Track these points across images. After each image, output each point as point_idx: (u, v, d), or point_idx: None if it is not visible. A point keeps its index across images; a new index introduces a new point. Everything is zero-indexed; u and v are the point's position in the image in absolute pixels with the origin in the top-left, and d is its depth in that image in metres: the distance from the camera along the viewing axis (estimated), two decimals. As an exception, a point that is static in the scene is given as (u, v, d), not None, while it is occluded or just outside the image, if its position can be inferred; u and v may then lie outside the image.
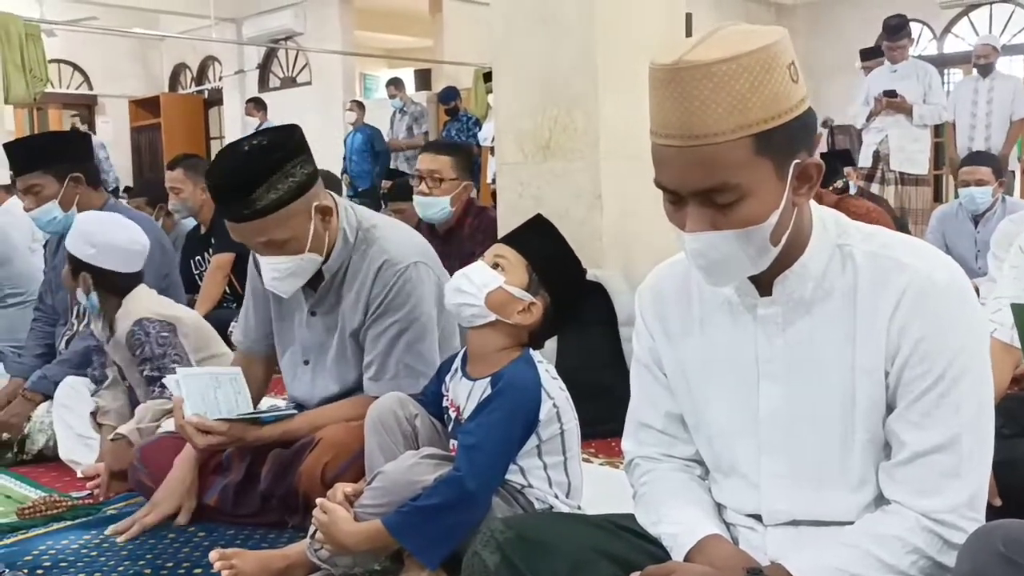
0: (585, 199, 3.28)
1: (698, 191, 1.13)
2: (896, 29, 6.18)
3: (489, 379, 1.79)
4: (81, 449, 2.70)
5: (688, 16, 3.69)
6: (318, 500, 1.75)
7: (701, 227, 1.14)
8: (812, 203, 1.24)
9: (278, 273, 2.06)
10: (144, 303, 2.68)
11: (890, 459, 1.20)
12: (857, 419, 1.21)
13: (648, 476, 1.39)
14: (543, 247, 1.85)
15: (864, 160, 6.28)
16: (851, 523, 1.21)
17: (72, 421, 2.74)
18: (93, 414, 2.75)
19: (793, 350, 1.24)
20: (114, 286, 2.64)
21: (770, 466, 1.27)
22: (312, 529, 1.80)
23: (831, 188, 4.45)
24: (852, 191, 5.43)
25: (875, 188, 6.12)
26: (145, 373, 2.56)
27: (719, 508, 1.35)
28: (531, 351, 1.85)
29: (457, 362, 1.91)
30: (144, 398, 2.60)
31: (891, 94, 6.07)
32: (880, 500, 1.22)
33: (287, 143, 2.01)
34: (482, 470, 1.70)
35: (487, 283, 1.78)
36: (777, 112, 1.10)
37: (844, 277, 1.22)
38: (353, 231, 2.14)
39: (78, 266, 2.64)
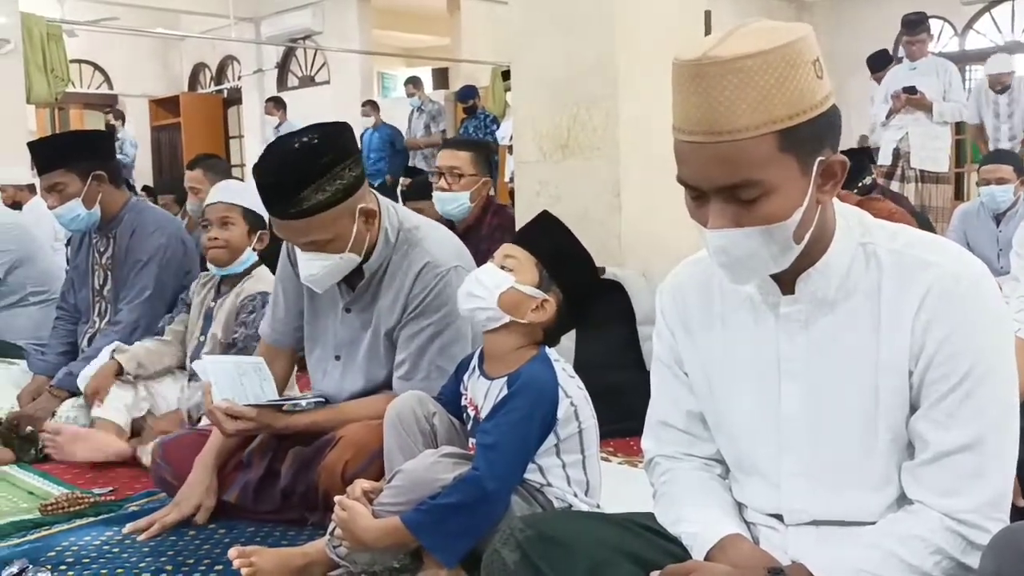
0: (604, 198, 3.28)
1: (721, 187, 1.13)
2: (915, 25, 6.13)
3: (506, 379, 1.79)
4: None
5: (707, 13, 3.67)
6: (337, 497, 1.76)
7: (724, 224, 1.14)
8: (835, 201, 1.23)
9: (315, 270, 2.07)
10: (269, 277, 2.80)
11: (913, 459, 1.19)
12: (880, 418, 1.20)
13: (668, 475, 1.39)
14: (551, 243, 1.85)
15: (884, 158, 6.23)
16: (873, 523, 1.21)
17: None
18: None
19: (815, 349, 1.23)
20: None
21: (791, 465, 1.26)
22: (331, 526, 1.80)
23: (859, 185, 4.42)
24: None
25: (895, 186, 6.08)
26: (234, 336, 2.70)
27: (740, 507, 1.34)
28: (547, 349, 1.85)
29: (475, 361, 1.91)
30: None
31: (911, 91, 6.02)
32: (903, 500, 1.21)
33: (337, 144, 1.99)
34: (500, 469, 1.70)
35: (498, 284, 1.78)
36: (802, 108, 1.09)
37: (868, 276, 1.21)
38: (395, 231, 2.14)
39: (257, 224, 2.77)
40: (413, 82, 9.62)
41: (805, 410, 1.24)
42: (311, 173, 1.94)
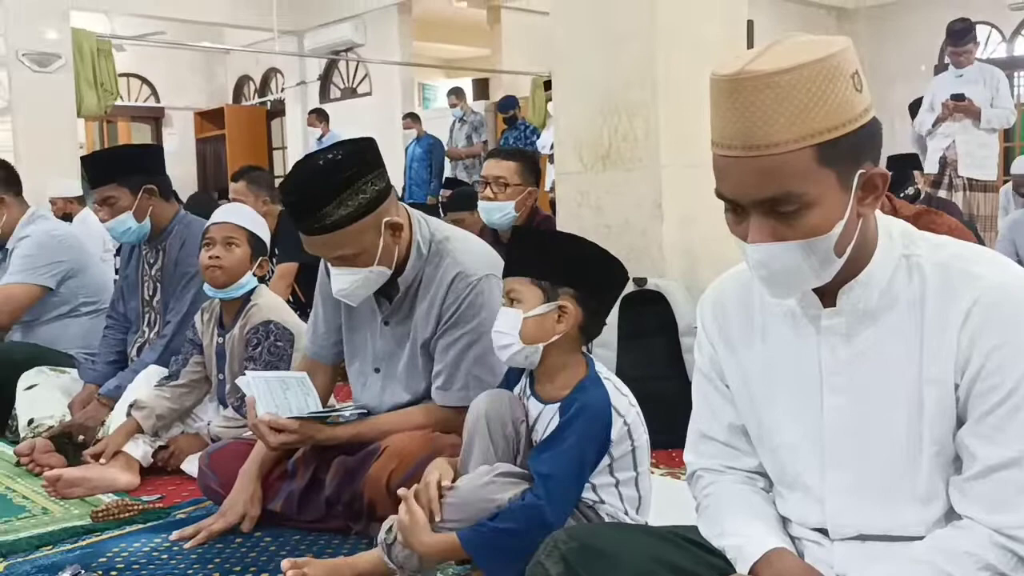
0: (645, 208, 3.27)
1: (760, 202, 1.13)
2: (961, 34, 6.04)
3: (559, 406, 1.79)
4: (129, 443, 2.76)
5: (750, 23, 3.66)
6: (404, 496, 1.75)
7: (763, 238, 1.14)
8: (877, 213, 1.22)
9: (346, 284, 2.10)
10: (273, 303, 2.82)
11: (961, 473, 1.18)
12: (925, 432, 1.19)
13: (711, 488, 1.39)
14: (532, 255, 1.83)
15: (931, 166, 6.15)
16: (920, 538, 1.20)
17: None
18: (131, 405, 2.81)
19: (858, 361, 1.22)
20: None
21: (835, 480, 1.25)
22: (388, 523, 1.81)
23: (902, 195, 4.37)
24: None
25: (942, 194, 5.99)
26: (246, 370, 2.58)
27: (783, 521, 1.34)
28: (597, 366, 1.85)
29: (524, 380, 1.90)
30: (232, 395, 2.69)
31: (959, 98, 5.94)
32: (950, 515, 1.20)
33: (360, 159, 2.03)
34: (560, 499, 1.70)
35: (514, 324, 1.79)
36: (840, 122, 1.10)
37: (911, 287, 1.20)
38: (426, 243, 2.16)
39: (260, 250, 2.78)
40: (456, 93, 9.68)
41: (849, 423, 1.24)
42: (334, 188, 1.98)
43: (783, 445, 1.31)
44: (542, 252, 1.83)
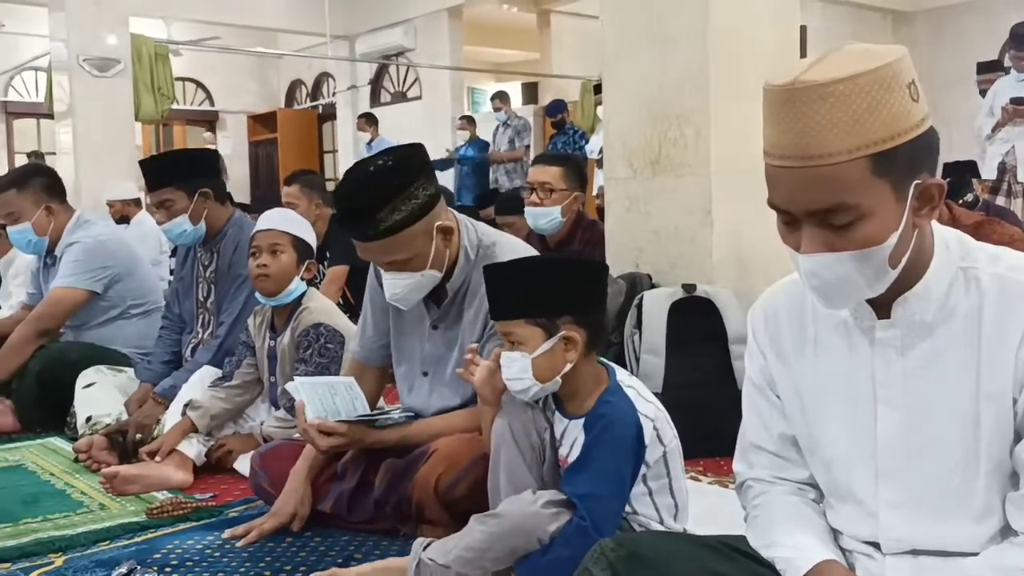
0: (695, 215, 3.26)
1: (813, 212, 1.12)
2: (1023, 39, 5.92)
3: (583, 420, 1.78)
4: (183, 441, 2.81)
5: (803, 28, 3.62)
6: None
7: (816, 248, 1.13)
8: (934, 223, 1.21)
9: (399, 289, 2.12)
10: (323, 306, 2.85)
11: (1018, 489, 1.16)
12: (981, 447, 1.17)
13: (761, 499, 1.38)
14: (516, 292, 1.80)
15: (989, 172, 6.03)
16: (975, 554, 1.18)
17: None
18: (187, 405, 2.86)
19: (913, 375, 1.21)
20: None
21: (888, 493, 1.24)
22: (426, 543, 1.81)
23: (960, 202, 4.28)
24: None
25: (1000, 201, 5.88)
26: (297, 373, 2.64)
27: (834, 534, 1.33)
28: (617, 374, 1.84)
29: (549, 396, 1.89)
30: (283, 397, 2.74)
31: (1019, 102, 5.82)
32: (1006, 531, 1.18)
33: (410, 165, 2.05)
34: (603, 518, 1.70)
35: (524, 368, 1.78)
36: (896, 132, 1.08)
37: (968, 300, 1.18)
38: (474, 248, 2.18)
39: (306, 253, 2.81)
40: (500, 97, 9.71)
41: (903, 437, 1.22)
42: (386, 194, 2.00)
43: (835, 457, 1.30)
44: (525, 288, 1.80)
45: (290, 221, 2.86)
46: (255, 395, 2.95)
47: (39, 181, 3.69)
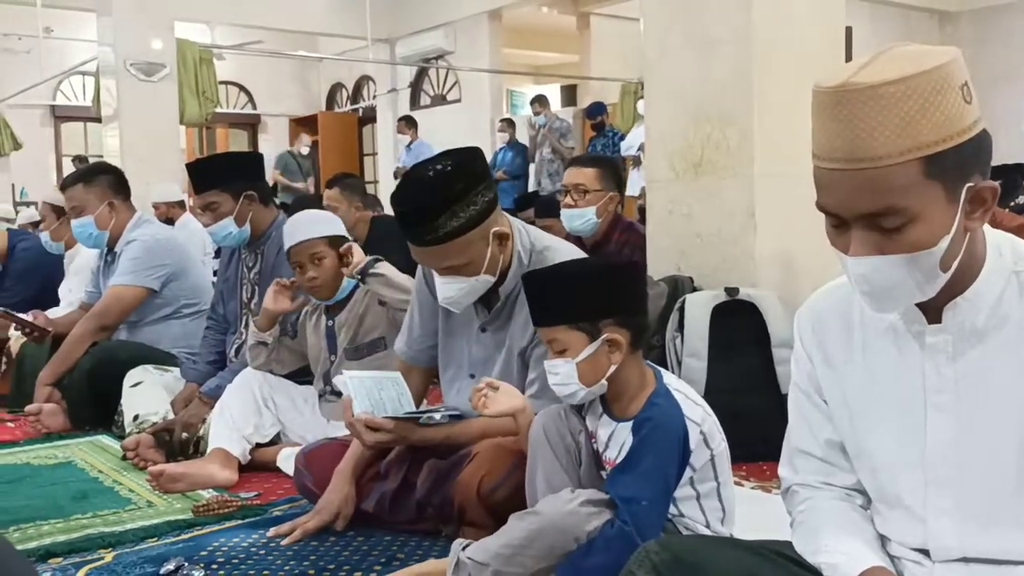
0: (738, 218, 3.24)
1: (863, 215, 1.11)
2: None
3: (631, 424, 1.78)
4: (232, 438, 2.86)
5: (848, 29, 3.59)
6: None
7: (866, 252, 1.12)
8: (986, 227, 1.19)
9: (452, 293, 2.12)
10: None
11: (1072, 498, 1.14)
12: (1034, 454, 1.16)
13: (807, 504, 1.37)
14: (556, 298, 1.80)
15: (1037, 174, 5.92)
16: (1027, 563, 1.16)
17: (234, 412, 2.91)
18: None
19: (964, 381, 1.19)
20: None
21: (938, 500, 1.22)
22: (464, 543, 1.82)
23: (1011, 204, 4.21)
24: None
25: (1050, 204, 5.76)
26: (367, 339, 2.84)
27: (882, 540, 1.31)
28: (665, 377, 1.84)
29: (596, 400, 1.89)
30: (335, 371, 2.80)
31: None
32: (1061, 541, 1.16)
33: (470, 170, 2.04)
34: (646, 521, 1.69)
35: (569, 373, 1.78)
36: (948, 134, 1.07)
37: (1021, 305, 1.17)
38: (527, 253, 2.18)
39: (341, 243, 2.84)
40: (539, 100, 9.71)
41: (953, 444, 1.21)
42: (446, 200, 1.99)
43: (883, 463, 1.28)
44: (564, 294, 1.80)
45: (316, 224, 2.86)
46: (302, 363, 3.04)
47: (105, 178, 3.84)
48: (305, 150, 11.32)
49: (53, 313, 4.36)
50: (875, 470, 1.30)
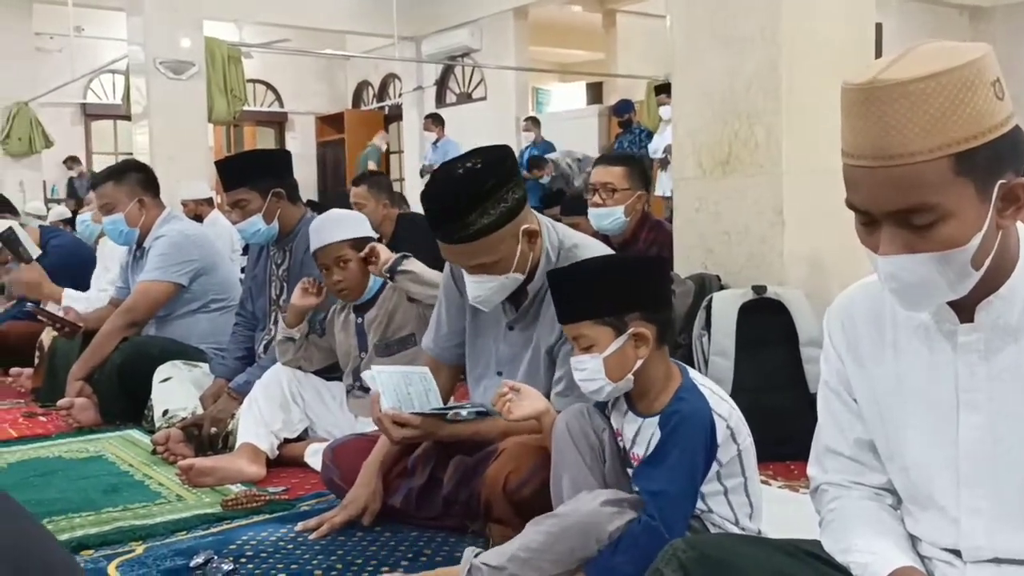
0: (766, 215, 3.22)
1: (893, 212, 1.10)
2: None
3: (657, 419, 1.78)
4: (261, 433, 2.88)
5: (878, 26, 3.56)
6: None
7: (896, 250, 1.11)
8: (1020, 225, 1.18)
9: (482, 291, 2.13)
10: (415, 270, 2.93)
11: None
12: (1069, 454, 1.14)
13: (836, 503, 1.36)
14: (581, 294, 1.80)
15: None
16: (1062, 565, 1.15)
17: (262, 407, 2.93)
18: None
19: (998, 380, 1.18)
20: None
21: (970, 500, 1.21)
22: (476, 551, 1.83)
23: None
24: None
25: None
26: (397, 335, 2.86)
27: (913, 540, 1.30)
28: (691, 373, 1.83)
29: (621, 397, 1.89)
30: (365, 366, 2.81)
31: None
32: (1094, 542, 1.15)
33: (500, 168, 2.04)
34: (673, 515, 1.70)
35: (597, 368, 1.78)
36: (979, 131, 1.06)
37: (1055, 303, 1.16)
38: (555, 251, 2.18)
39: (366, 243, 2.86)
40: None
41: (986, 443, 1.20)
42: (476, 198, 1.99)
43: (914, 463, 1.27)
44: (589, 289, 1.80)
45: (340, 226, 2.87)
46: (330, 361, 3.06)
47: (135, 176, 3.89)
48: (384, 145, 11.58)
49: (83, 297, 4.45)
50: (907, 469, 1.29)
